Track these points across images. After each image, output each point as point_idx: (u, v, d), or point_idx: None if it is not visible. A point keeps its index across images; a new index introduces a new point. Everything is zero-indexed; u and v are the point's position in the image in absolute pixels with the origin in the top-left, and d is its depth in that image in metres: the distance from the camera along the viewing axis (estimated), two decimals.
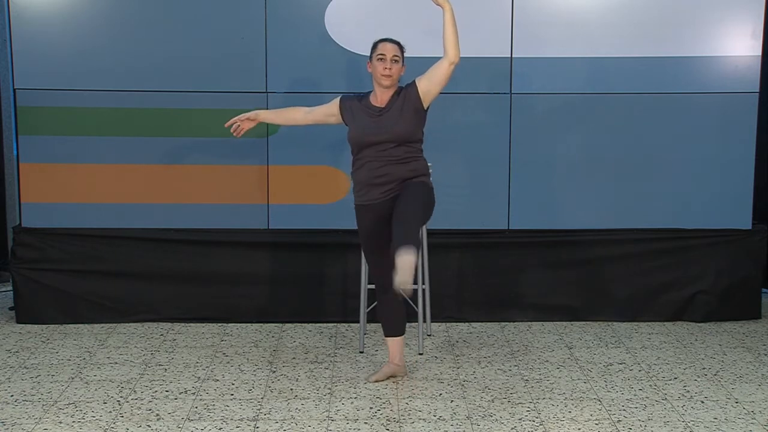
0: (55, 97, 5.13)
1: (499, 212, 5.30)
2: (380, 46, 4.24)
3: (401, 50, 4.27)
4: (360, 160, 4.29)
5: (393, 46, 4.25)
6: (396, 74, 4.24)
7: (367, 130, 4.25)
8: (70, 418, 3.92)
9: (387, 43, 4.25)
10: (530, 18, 5.14)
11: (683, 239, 5.33)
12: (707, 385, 4.34)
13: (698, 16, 5.17)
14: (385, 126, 4.23)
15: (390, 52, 4.22)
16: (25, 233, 5.24)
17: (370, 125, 4.25)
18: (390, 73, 4.21)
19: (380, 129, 4.23)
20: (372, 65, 4.26)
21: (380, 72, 4.21)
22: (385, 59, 4.21)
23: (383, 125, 4.24)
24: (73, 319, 5.26)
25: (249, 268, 5.28)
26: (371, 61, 4.27)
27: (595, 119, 5.26)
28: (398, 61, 4.23)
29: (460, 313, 5.34)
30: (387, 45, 4.24)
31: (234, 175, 5.23)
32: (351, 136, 4.30)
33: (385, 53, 4.21)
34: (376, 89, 4.29)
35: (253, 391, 4.24)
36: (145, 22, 5.10)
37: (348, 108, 4.34)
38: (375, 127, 4.24)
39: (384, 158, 4.23)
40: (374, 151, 4.23)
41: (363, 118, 4.28)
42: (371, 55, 4.27)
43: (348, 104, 4.35)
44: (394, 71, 4.22)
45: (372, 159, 4.24)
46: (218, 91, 5.16)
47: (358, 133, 4.27)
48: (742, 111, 5.23)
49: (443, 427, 3.83)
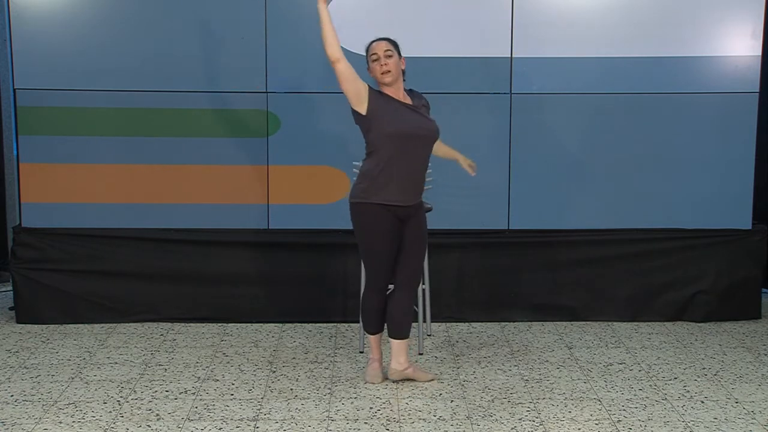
0: (55, 97, 5.13)
1: (499, 212, 5.30)
2: (371, 48, 4.22)
3: (392, 44, 4.22)
4: (392, 157, 4.12)
5: (382, 42, 4.21)
6: (394, 67, 4.17)
7: (415, 123, 4.15)
8: (70, 418, 3.92)
9: (376, 42, 4.23)
10: (530, 18, 5.14)
11: (683, 239, 5.33)
12: (707, 385, 4.34)
13: (698, 16, 5.17)
14: (427, 122, 4.21)
15: (381, 49, 4.18)
16: (25, 233, 5.24)
17: (415, 118, 4.18)
18: (388, 68, 4.17)
19: (424, 123, 4.20)
20: (371, 69, 4.23)
21: (378, 71, 4.19)
22: (378, 58, 4.19)
23: (425, 120, 4.22)
24: (73, 319, 5.26)
25: (249, 268, 5.28)
26: (368, 66, 4.24)
27: (595, 119, 5.25)
28: (392, 55, 4.19)
29: (460, 313, 5.34)
30: (376, 44, 4.21)
31: (234, 175, 5.23)
32: (393, 129, 4.10)
33: (377, 52, 4.19)
34: (386, 89, 4.21)
35: (253, 391, 4.24)
36: (145, 22, 5.10)
37: (377, 97, 4.16)
38: (420, 120, 4.18)
39: (420, 158, 4.19)
40: (415, 147, 4.15)
41: (404, 111, 4.17)
42: (367, 59, 4.23)
43: (377, 94, 4.18)
44: (391, 65, 4.17)
45: (409, 157, 4.14)
46: (218, 91, 5.16)
47: (405, 125, 4.13)
48: (742, 111, 5.23)
49: (443, 427, 3.83)
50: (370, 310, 4.34)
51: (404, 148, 4.13)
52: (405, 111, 4.18)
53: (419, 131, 4.16)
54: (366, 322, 4.39)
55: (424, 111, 4.27)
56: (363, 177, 4.19)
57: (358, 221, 4.25)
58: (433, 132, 4.23)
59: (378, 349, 4.39)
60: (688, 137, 5.26)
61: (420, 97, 4.31)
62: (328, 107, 5.15)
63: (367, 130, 4.17)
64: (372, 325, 4.37)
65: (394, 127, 4.11)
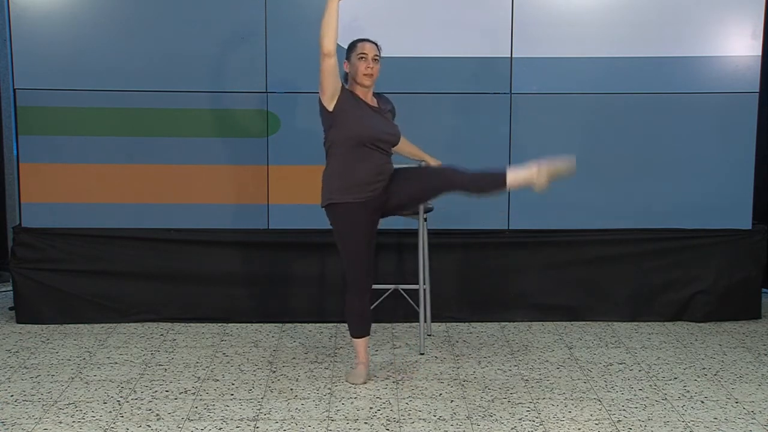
0: (55, 97, 5.13)
1: (499, 212, 5.30)
2: (360, 46, 4.22)
3: (380, 50, 4.27)
4: (358, 158, 4.18)
5: (373, 45, 4.24)
6: (377, 73, 4.23)
7: (382, 127, 4.22)
8: (70, 418, 3.92)
9: (367, 42, 4.24)
10: (530, 18, 5.14)
11: (683, 239, 5.33)
12: (707, 385, 4.34)
13: (698, 16, 5.17)
14: (392, 126, 4.28)
15: (371, 51, 4.21)
16: (25, 233, 5.24)
17: (382, 122, 4.24)
18: (372, 72, 4.20)
19: (390, 127, 4.27)
20: (350, 64, 4.24)
21: (362, 71, 4.20)
22: (366, 58, 4.20)
23: (390, 124, 4.28)
24: (73, 319, 5.26)
25: (249, 268, 5.28)
26: (349, 60, 4.25)
27: (595, 119, 5.25)
28: (378, 61, 4.23)
29: (460, 313, 5.34)
30: (367, 45, 4.23)
31: (234, 175, 5.23)
32: (359, 131, 4.15)
33: (366, 52, 4.20)
34: (357, 89, 4.24)
35: (253, 391, 4.24)
36: (145, 22, 5.10)
37: (347, 98, 4.19)
38: (385, 124, 4.25)
39: (381, 158, 4.23)
40: (380, 148, 4.21)
41: (369, 114, 4.22)
42: (350, 54, 4.24)
43: (348, 94, 4.22)
44: (376, 70, 4.22)
45: (375, 156, 4.20)
46: (218, 91, 5.16)
47: (372, 128, 4.18)
48: (742, 111, 5.23)
49: (443, 427, 3.83)
50: (354, 315, 4.33)
51: (368, 148, 4.18)
52: (370, 115, 4.22)
53: (380, 135, 4.21)
54: (352, 328, 4.38)
55: (389, 116, 4.33)
56: (331, 178, 4.23)
57: (336, 221, 4.26)
58: (394, 136, 4.29)
59: (365, 353, 4.38)
60: (688, 137, 5.26)
61: (388, 101, 4.37)
62: None
63: (329, 126, 4.21)
64: (357, 329, 4.36)
65: (355, 131, 4.16)
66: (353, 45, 4.26)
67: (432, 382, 4.36)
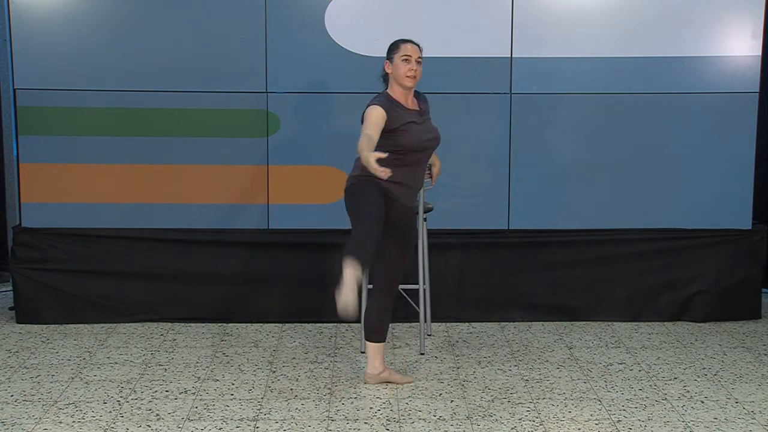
0: (55, 97, 5.13)
1: (499, 212, 5.30)
2: (404, 47, 4.20)
3: (422, 51, 4.26)
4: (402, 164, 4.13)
5: (416, 47, 4.23)
6: (420, 76, 4.22)
7: (424, 135, 4.21)
8: (70, 418, 3.92)
9: (410, 44, 4.22)
10: (530, 18, 5.14)
11: (683, 239, 5.33)
12: (707, 385, 4.34)
13: (698, 16, 5.17)
14: (433, 131, 4.28)
15: (415, 53, 4.20)
16: (25, 233, 5.24)
17: (422, 130, 4.22)
18: (415, 74, 4.19)
19: (431, 133, 4.26)
20: (393, 65, 4.21)
21: (405, 73, 4.17)
22: (410, 60, 4.18)
23: (431, 130, 4.28)
24: (73, 319, 5.26)
25: (249, 268, 5.28)
26: (392, 61, 4.21)
27: (595, 119, 5.25)
28: (421, 63, 4.23)
29: (460, 313, 5.34)
30: (412, 47, 4.21)
31: (234, 175, 5.23)
32: (409, 142, 4.13)
33: (410, 54, 4.19)
34: (398, 91, 4.22)
35: (253, 391, 4.24)
36: (145, 22, 5.10)
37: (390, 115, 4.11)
38: (426, 131, 4.24)
39: (422, 164, 4.27)
40: (421, 156, 4.23)
41: (413, 125, 4.19)
42: (392, 55, 4.22)
43: (388, 108, 4.13)
44: (419, 73, 4.21)
45: (414, 163, 4.21)
46: (218, 91, 5.16)
47: (417, 138, 4.17)
48: (742, 111, 5.23)
49: (443, 427, 3.83)
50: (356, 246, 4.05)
51: (413, 156, 4.19)
52: (414, 125, 4.19)
53: (429, 144, 4.24)
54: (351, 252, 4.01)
55: (427, 116, 4.32)
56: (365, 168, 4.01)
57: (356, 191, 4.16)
58: (435, 140, 4.30)
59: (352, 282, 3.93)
60: (688, 137, 5.26)
61: (425, 100, 4.35)
62: (328, 107, 5.15)
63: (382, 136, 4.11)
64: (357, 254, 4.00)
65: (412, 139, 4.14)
66: (395, 45, 4.24)
67: (432, 382, 4.36)
